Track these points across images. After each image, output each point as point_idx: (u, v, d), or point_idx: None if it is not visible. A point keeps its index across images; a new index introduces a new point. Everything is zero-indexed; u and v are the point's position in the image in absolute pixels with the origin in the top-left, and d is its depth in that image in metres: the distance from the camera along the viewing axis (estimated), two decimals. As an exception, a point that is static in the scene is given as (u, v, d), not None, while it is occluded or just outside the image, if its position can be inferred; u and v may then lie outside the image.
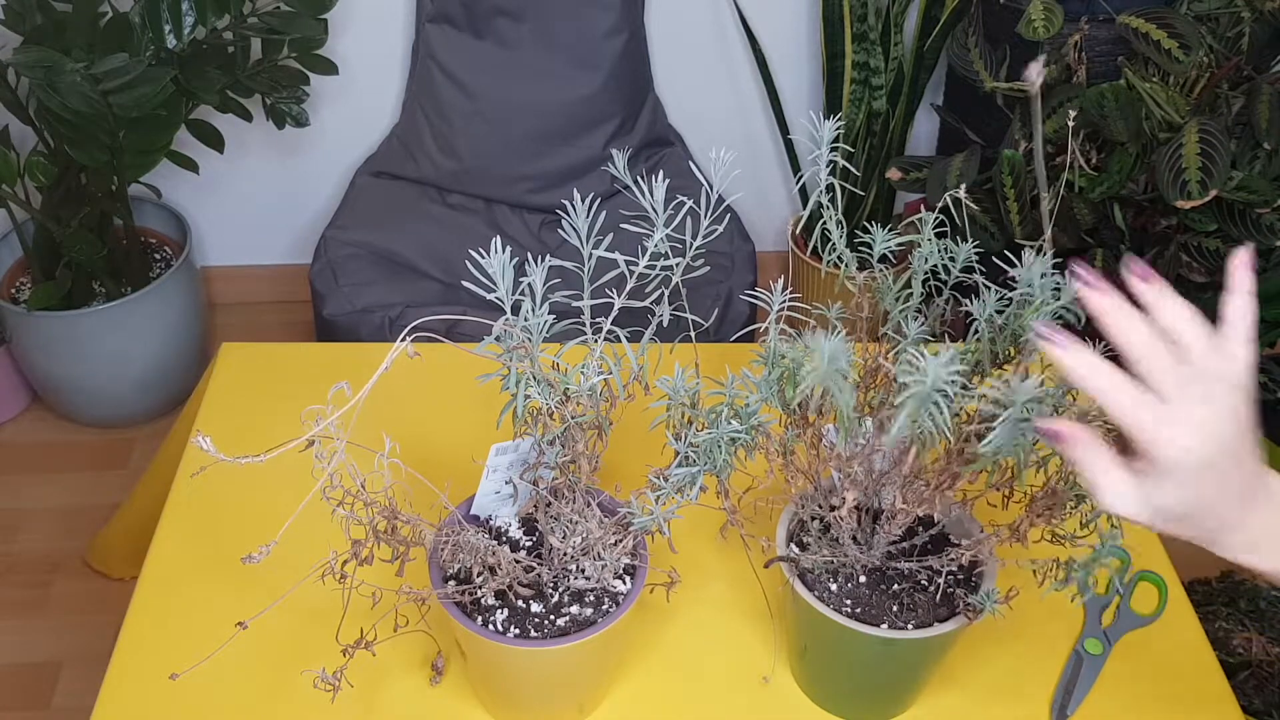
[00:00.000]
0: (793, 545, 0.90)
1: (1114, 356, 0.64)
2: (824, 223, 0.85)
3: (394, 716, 0.93)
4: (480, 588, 0.84)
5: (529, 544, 0.91)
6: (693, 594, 1.02)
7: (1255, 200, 1.65)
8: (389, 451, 0.74)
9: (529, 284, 0.75)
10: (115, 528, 1.76)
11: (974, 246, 0.85)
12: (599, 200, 0.77)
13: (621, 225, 0.70)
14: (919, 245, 0.86)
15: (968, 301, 0.83)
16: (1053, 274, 0.79)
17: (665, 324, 0.79)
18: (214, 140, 2.00)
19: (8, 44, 1.76)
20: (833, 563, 0.88)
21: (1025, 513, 0.83)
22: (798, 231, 2.36)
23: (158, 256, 2.22)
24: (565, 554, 0.86)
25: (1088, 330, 0.69)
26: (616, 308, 0.78)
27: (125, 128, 1.76)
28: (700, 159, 2.29)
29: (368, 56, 2.18)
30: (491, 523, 0.92)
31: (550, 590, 0.87)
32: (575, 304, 0.79)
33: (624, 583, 0.87)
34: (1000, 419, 0.70)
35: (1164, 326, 0.64)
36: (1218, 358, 0.64)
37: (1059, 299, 0.78)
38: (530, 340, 0.76)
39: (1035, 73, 0.73)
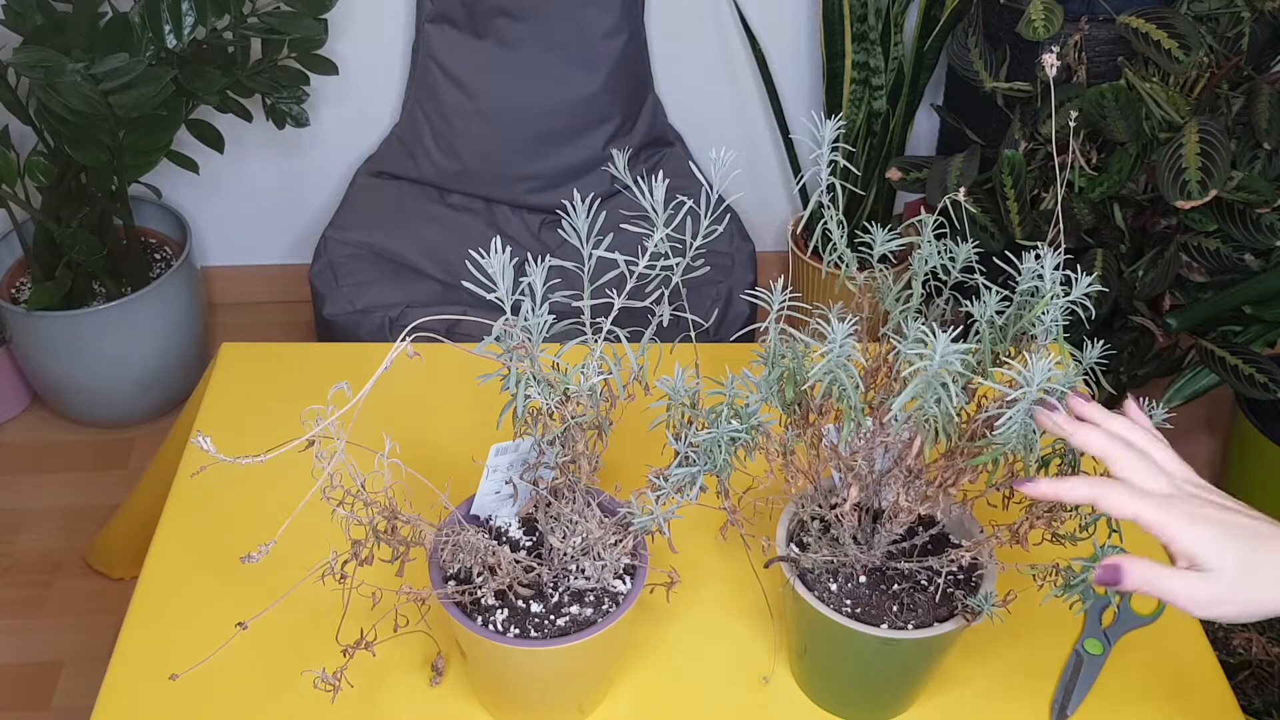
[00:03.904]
0: (793, 545, 0.90)
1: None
2: (824, 223, 0.85)
3: (394, 716, 0.93)
4: (480, 588, 0.84)
5: (529, 544, 0.91)
6: (693, 594, 1.02)
7: (1255, 200, 1.65)
8: (389, 451, 0.74)
9: (529, 284, 0.75)
10: (115, 528, 1.76)
11: (974, 247, 0.85)
12: (599, 200, 0.77)
13: (621, 225, 0.70)
14: (919, 246, 0.86)
15: (968, 302, 0.83)
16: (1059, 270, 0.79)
17: (665, 324, 0.79)
18: (214, 140, 2.00)
19: (8, 44, 1.76)
20: (833, 563, 0.88)
21: (1025, 514, 0.83)
22: (798, 231, 2.36)
23: (158, 256, 2.22)
24: (565, 554, 0.86)
25: (1094, 330, 0.70)
26: (616, 308, 0.78)
27: (125, 128, 1.76)
28: (700, 159, 2.29)
29: (368, 56, 2.18)
30: (491, 523, 0.92)
31: (550, 590, 0.87)
32: (575, 304, 0.79)
33: (624, 583, 0.87)
34: (1015, 406, 0.70)
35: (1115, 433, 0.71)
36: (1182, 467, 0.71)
37: (1068, 294, 0.78)
38: (530, 340, 0.76)
39: (1050, 63, 0.81)
